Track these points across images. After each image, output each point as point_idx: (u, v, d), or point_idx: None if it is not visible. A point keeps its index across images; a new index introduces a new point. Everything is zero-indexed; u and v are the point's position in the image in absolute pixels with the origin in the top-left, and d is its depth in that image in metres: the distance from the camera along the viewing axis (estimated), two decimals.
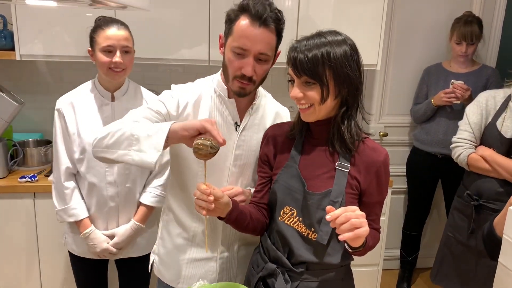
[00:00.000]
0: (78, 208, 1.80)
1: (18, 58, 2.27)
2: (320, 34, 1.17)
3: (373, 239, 1.24)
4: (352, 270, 1.36)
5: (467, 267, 2.10)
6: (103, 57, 1.71)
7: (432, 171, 2.84)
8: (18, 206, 2.25)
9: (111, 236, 1.84)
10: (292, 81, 1.19)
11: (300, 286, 1.24)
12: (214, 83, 1.40)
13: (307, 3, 2.40)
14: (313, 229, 1.21)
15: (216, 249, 1.43)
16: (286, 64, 1.20)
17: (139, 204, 1.86)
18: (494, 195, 1.97)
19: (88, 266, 1.93)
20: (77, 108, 1.78)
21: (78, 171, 1.80)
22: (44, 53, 2.29)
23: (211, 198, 1.13)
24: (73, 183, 1.81)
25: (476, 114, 2.02)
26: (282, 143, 1.31)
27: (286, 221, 1.25)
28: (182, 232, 1.45)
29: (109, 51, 1.71)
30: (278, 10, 1.27)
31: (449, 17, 2.77)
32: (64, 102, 1.79)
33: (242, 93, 1.32)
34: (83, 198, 1.82)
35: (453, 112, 2.68)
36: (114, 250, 1.83)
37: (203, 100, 1.37)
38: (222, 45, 1.33)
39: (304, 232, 1.23)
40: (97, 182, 1.78)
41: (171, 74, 2.74)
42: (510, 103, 1.95)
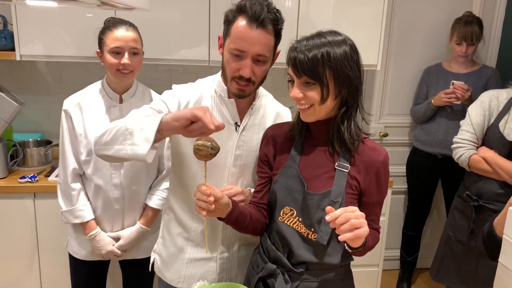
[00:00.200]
0: (85, 210, 1.79)
1: (18, 59, 2.26)
2: (320, 34, 1.16)
3: (373, 239, 1.24)
4: (352, 270, 1.36)
5: (468, 267, 2.10)
6: (112, 59, 1.69)
7: (432, 172, 2.84)
8: (18, 206, 2.24)
9: (117, 238, 1.83)
10: (292, 81, 1.19)
11: (300, 286, 1.24)
12: (215, 83, 1.40)
13: (307, 3, 2.40)
14: (313, 229, 1.21)
15: (216, 249, 1.43)
16: (286, 64, 1.20)
17: (145, 207, 1.86)
18: (494, 196, 1.96)
19: (89, 270, 1.92)
20: (85, 109, 1.77)
21: (84, 173, 1.80)
22: (44, 54, 2.28)
23: (211, 199, 1.13)
24: (80, 185, 1.80)
25: (479, 115, 2.00)
26: (282, 144, 1.31)
27: (286, 222, 1.25)
28: (183, 232, 1.45)
29: (118, 53, 1.69)
30: (277, 10, 1.26)
31: (449, 17, 2.77)
32: (71, 103, 1.77)
33: (242, 95, 1.32)
34: (89, 200, 1.82)
35: (453, 113, 2.68)
36: (119, 253, 1.83)
37: (204, 100, 1.37)
38: (221, 46, 1.33)
39: (304, 232, 1.23)
40: (103, 184, 1.77)
41: (171, 74, 2.74)
42: None
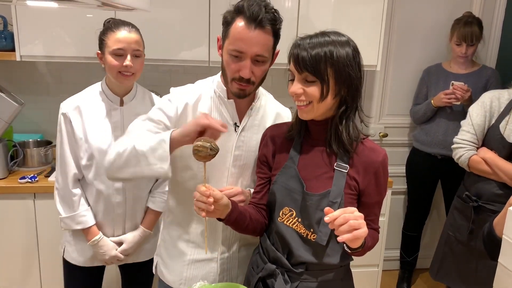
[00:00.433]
0: (87, 215, 1.75)
1: (18, 59, 2.27)
2: (324, 33, 1.17)
3: (372, 239, 1.24)
4: (352, 271, 1.36)
5: (468, 266, 2.10)
6: (113, 61, 1.64)
7: (432, 172, 2.84)
8: (18, 207, 2.24)
9: (119, 243, 1.81)
10: (292, 80, 1.19)
11: (300, 287, 1.24)
12: (214, 84, 1.40)
13: (307, 3, 2.40)
14: (312, 230, 1.21)
15: (217, 250, 1.43)
16: (287, 60, 1.19)
17: (146, 210, 1.84)
18: (493, 197, 1.96)
19: (86, 276, 1.88)
20: (84, 113, 1.71)
21: (84, 178, 1.76)
22: (44, 54, 2.29)
23: (211, 200, 1.14)
24: (80, 190, 1.76)
25: (480, 116, 2.00)
26: (281, 144, 1.31)
27: (285, 222, 1.25)
28: (183, 234, 1.45)
29: (120, 55, 1.64)
30: (275, 10, 1.26)
31: (449, 18, 2.77)
32: (70, 106, 1.71)
33: (242, 95, 1.32)
34: (89, 205, 1.78)
35: (453, 113, 2.68)
36: (123, 257, 1.81)
37: (203, 101, 1.37)
38: (220, 48, 1.34)
39: (303, 233, 1.23)
40: (105, 189, 1.74)
41: (171, 75, 2.74)
42: None
